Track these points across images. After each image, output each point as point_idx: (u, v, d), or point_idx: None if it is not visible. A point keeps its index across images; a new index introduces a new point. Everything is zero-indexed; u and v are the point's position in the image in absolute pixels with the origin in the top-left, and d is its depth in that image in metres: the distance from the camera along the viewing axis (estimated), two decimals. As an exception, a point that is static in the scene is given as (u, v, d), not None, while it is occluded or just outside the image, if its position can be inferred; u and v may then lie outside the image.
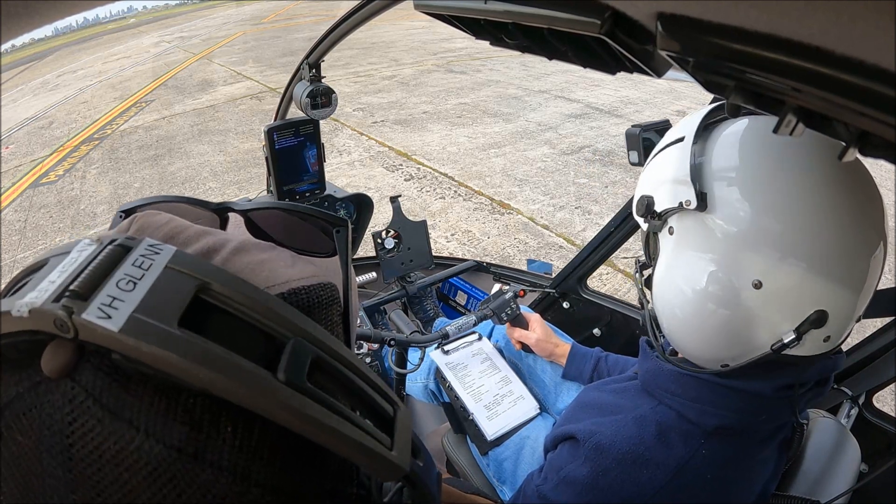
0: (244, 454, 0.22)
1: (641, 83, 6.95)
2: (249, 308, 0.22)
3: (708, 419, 0.70)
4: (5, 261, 3.85)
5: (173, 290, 0.21)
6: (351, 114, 6.61)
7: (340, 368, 0.24)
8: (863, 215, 0.59)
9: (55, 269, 0.21)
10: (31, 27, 0.29)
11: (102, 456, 0.20)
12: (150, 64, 12.22)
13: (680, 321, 0.69)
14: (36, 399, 0.21)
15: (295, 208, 0.36)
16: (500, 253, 3.43)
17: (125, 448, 0.20)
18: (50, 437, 0.20)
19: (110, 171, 5.50)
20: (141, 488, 0.20)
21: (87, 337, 0.19)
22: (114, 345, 0.19)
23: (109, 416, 0.20)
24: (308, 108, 1.27)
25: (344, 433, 0.22)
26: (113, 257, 0.22)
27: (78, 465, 0.20)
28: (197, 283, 0.22)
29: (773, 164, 0.60)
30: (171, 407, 0.21)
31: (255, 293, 0.23)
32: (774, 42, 0.23)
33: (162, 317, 0.20)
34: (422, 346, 1.21)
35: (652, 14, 0.29)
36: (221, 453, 0.21)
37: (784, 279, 0.59)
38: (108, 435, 0.20)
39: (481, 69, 8.59)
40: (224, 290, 0.22)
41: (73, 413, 0.20)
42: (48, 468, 0.21)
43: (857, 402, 1.03)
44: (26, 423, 0.21)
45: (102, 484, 0.20)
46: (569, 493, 0.74)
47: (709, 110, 0.70)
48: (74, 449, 0.20)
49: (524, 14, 0.40)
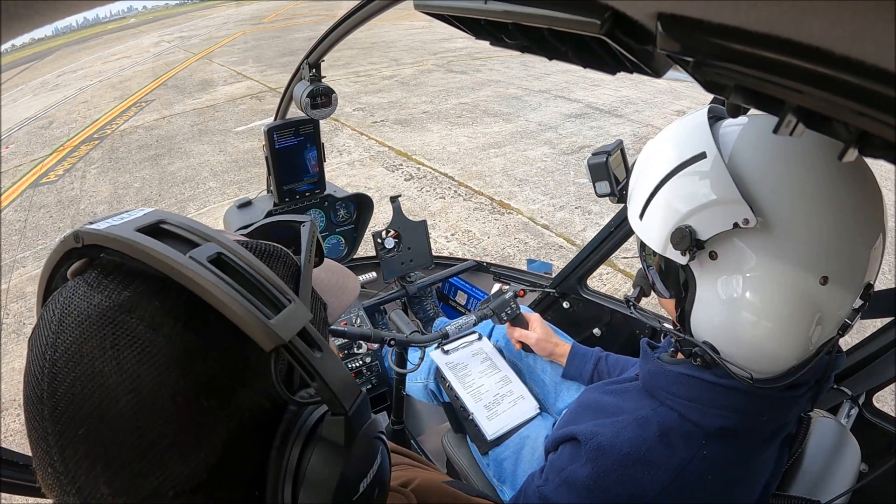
0: (162, 311, 0.32)
1: (641, 83, 6.95)
2: (182, 228, 0.35)
3: (709, 420, 0.70)
4: (5, 261, 3.85)
5: (141, 221, 0.35)
6: (351, 114, 6.61)
7: (241, 265, 0.34)
8: (872, 206, 0.62)
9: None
10: (31, 27, 0.29)
11: (81, 314, 0.32)
12: (150, 64, 12.23)
13: (749, 341, 0.65)
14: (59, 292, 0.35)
15: (264, 224, 0.49)
16: (499, 253, 3.43)
17: (91, 304, 0.32)
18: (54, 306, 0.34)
19: (110, 170, 5.50)
20: (93, 330, 0.31)
21: (88, 240, 0.33)
22: (99, 240, 0.33)
23: (89, 287, 0.33)
24: (308, 107, 1.27)
25: (222, 291, 0.31)
26: (121, 213, 0.37)
27: (63, 322, 0.32)
28: (158, 218, 0.35)
29: (805, 161, 0.61)
30: (123, 281, 0.33)
31: (190, 222, 0.36)
32: (774, 42, 0.23)
33: (124, 228, 0.34)
34: (422, 346, 1.21)
35: (652, 14, 0.29)
36: (146, 310, 0.32)
37: (842, 265, 0.61)
38: (84, 297, 0.33)
39: (481, 69, 8.59)
40: (173, 221, 0.36)
41: (71, 289, 0.34)
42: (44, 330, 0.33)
43: (857, 402, 1.02)
44: (50, 304, 0.34)
45: (77, 332, 0.32)
46: (570, 493, 0.74)
47: (699, 118, 0.68)
48: (65, 313, 0.32)
49: (524, 14, 0.40)
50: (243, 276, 0.33)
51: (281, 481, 0.34)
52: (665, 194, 0.68)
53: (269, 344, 0.31)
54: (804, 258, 0.60)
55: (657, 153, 0.71)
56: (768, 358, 0.66)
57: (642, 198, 0.71)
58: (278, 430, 0.35)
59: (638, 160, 0.76)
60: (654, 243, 0.70)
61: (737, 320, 0.65)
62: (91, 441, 0.30)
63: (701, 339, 0.70)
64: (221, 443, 0.32)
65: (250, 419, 0.34)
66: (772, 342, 0.64)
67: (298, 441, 0.35)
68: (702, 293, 0.68)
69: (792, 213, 0.60)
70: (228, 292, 0.31)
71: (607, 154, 1.00)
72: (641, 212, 0.71)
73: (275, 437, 0.35)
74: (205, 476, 0.32)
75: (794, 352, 0.65)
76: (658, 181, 0.68)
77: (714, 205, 0.62)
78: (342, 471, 0.34)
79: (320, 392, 0.34)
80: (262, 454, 0.35)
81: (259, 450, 0.35)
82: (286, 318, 0.32)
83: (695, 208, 0.64)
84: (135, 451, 0.30)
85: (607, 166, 0.99)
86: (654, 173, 0.69)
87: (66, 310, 0.32)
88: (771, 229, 0.60)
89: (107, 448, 0.30)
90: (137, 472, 0.31)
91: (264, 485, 0.35)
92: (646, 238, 0.71)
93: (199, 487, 0.32)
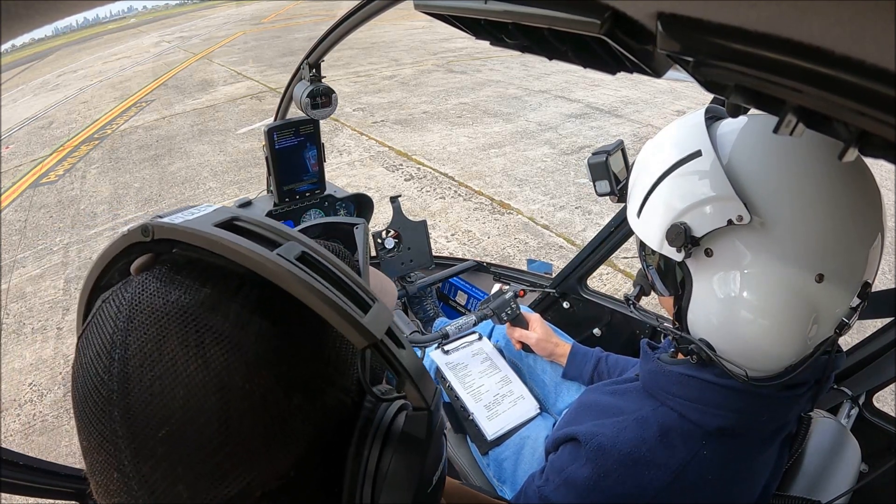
0: (246, 309, 0.31)
1: (641, 83, 6.95)
2: (257, 225, 0.34)
3: (709, 420, 0.70)
4: (5, 261, 3.85)
5: (215, 216, 0.34)
6: (351, 114, 6.61)
7: (325, 264, 0.33)
8: (870, 206, 0.62)
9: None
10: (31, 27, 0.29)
11: (157, 311, 0.30)
12: (150, 64, 12.23)
13: (745, 338, 0.66)
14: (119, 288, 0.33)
15: (315, 224, 0.49)
16: (500, 253, 3.43)
17: (168, 301, 0.31)
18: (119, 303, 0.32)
19: (110, 170, 5.50)
20: (172, 327, 0.30)
21: (160, 234, 0.32)
22: (174, 234, 0.32)
23: (161, 283, 0.32)
24: (308, 108, 1.27)
25: (319, 290, 0.30)
26: (186, 209, 0.35)
27: (134, 320, 0.31)
28: (230, 214, 0.34)
29: (802, 160, 0.61)
30: (202, 277, 0.32)
31: (265, 220, 0.35)
32: (774, 42, 0.23)
33: (201, 222, 0.33)
34: (422, 346, 1.21)
35: (652, 14, 0.29)
36: (230, 308, 0.31)
37: (839, 264, 0.61)
38: (157, 293, 0.31)
39: (481, 69, 8.59)
40: (246, 218, 0.35)
41: (139, 285, 0.32)
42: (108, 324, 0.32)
43: (857, 402, 1.03)
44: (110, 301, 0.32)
45: (154, 330, 0.30)
46: (570, 494, 0.74)
47: (696, 118, 0.68)
48: (136, 310, 0.31)
49: (524, 14, 0.40)
50: (330, 274, 0.33)
51: (360, 479, 0.34)
52: (661, 192, 0.68)
53: (363, 342, 0.31)
54: (799, 256, 0.60)
55: (655, 152, 0.71)
56: (764, 356, 0.66)
57: (640, 196, 0.71)
58: (356, 426, 0.35)
59: (637, 159, 0.76)
60: (651, 241, 0.70)
61: (733, 317, 0.65)
62: (172, 443, 0.29)
63: (697, 337, 0.70)
64: (307, 440, 0.32)
65: (334, 416, 0.34)
66: (767, 340, 0.64)
67: (378, 438, 0.34)
68: (698, 290, 0.68)
69: (787, 210, 0.60)
70: (322, 290, 0.31)
71: (607, 154, 1.01)
72: (639, 210, 0.72)
73: (353, 433, 0.35)
74: (292, 474, 0.32)
75: (791, 350, 0.65)
76: (655, 179, 0.69)
77: (708, 201, 0.62)
78: (423, 466, 0.34)
79: (406, 389, 0.33)
80: (341, 452, 0.35)
81: (339, 447, 0.34)
82: (375, 317, 0.32)
83: (690, 205, 0.64)
84: (221, 452, 0.29)
85: (607, 165, 1.00)
86: (652, 171, 0.69)
87: (136, 307, 0.31)
88: (766, 226, 0.60)
89: (191, 450, 0.29)
90: (223, 473, 0.30)
91: (342, 482, 0.34)
92: (643, 236, 0.72)
93: (286, 486, 0.32)
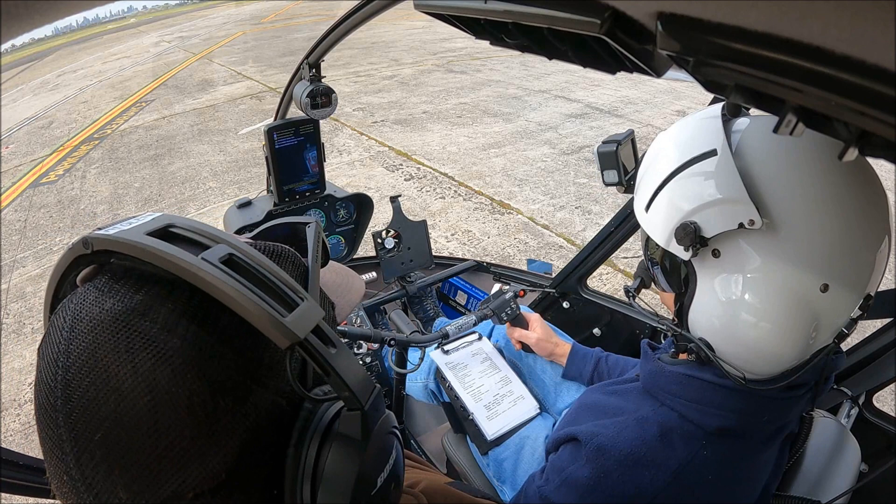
0: (175, 313, 0.32)
1: (641, 83, 6.94)
2: (191, 230, 0.35)
3: (710, 420, 0.70)
4: (5, 261, 3.85)
5: (150, 225, 0.35)
6: (351, 113, 6.61)
7: (252, 265, 0.34)
8: (878, 215, 0.62)
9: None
10: (31, 27, 0.29)
11: (93, 319, 0.32)
12: (150, 64, 12.22)
13: (745, 341, 0.65)
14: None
15: (268, 226, 0.49)
16: (500, 253, 3.43)
17: (103, 310, 0.32)
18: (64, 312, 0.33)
19: (110, 170, 5.50)
20: (106, 334, 0.31)
21: (98, 245, 0.33)
22: (109, 245, 0.33)
23: (100, 293, 0.33)
24: (308, 107, 1.27)
25: (236, 290, 0.31)
26: (129, 219, 0.36)
27: (75, 329, 0.32)
28: (166, 221, 0.35)
29: (817, 167, 0.60)
30: (135, 285, 0.33)
31: (199, 225, 0.36)
32: (774, 42, 0.23)
33: (134, 232, 0.33)
34: (422, 346, 1.21)
35: (652, 14, 0.29)
36: (160, 313, 0.32)
37: (845, 275, 0.60)
38: (95, 302, 0.32)
39: (481, 69, 8.58)
40: (182, 224, 0.36)
41: (82, 296, 0.33)
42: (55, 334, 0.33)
43: (857, 402, 1.02)
44: (60, 311, 0.34)
45: (90, 337, 0.31)
46: (570, 494, 0.74)
47: (712, 114, 0.68)
48: (77, 320, 0.32)
49: (524, 14, 0.40)
50: (255, 275, 0.34)
51: (299, 479, 0.34)
52: (672, 189, 0.67)
53: (285, 342, 0.32)
54: (807, 264, 0.60)
55: (668, 146, 0.70)
56: (763, 359, 0.66)
57: (649, 190, 0.70)
58: (294, 427, 0.35)
59: (648, 151, 0.75)
60: (658, 236, 0.69)
61: (734, 319, 0.65)
62: (108, 446, 0.30)
63: (697, 336, 0.70)
64: (239, 442, 0.33)
65: (267, 418, 0.34)
66: (768, 344, 0.64)
67: (315, 438, 0.35)
68: (702, 290, 0.67)
69: (799, 218, 0.59)
70: (242, 291, 0.31)
71: (617, 143, 0.98)
72: (648, 204, 0.71)
73: (291, 435, 0.35)
74: (224, 476, 0.32)
75: (790, 355, 0.65)
76: (666, 175, 0.67)
77: (721, 203, 0.61)
78: (360, 466, 0.35)
79: (336, 388, 0.34)
80: (279, 453, 0.35)
81: (276, 448, 0.35)
82: (300, 316, 0.33)
83: (701, 205, 0.63)
84: (153, 454, 0.30)
85: (617, 155, 0.97)
86: (663, 167, 0.68)
87: (77, 316, 0.32)
88: (777, 232, 0.60)
89: (124, 452, 0.30)
90: (156, 475, 0.31)
91: (282, 483, 0.35)
92: (650, 231, 0.71)
93: (218, 488, 0.32)
